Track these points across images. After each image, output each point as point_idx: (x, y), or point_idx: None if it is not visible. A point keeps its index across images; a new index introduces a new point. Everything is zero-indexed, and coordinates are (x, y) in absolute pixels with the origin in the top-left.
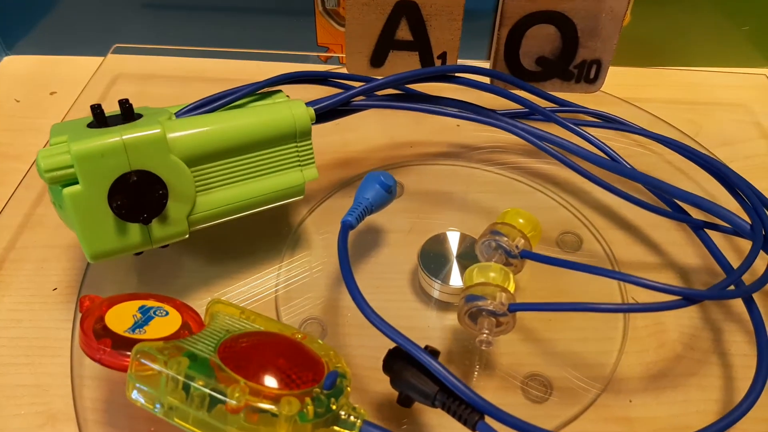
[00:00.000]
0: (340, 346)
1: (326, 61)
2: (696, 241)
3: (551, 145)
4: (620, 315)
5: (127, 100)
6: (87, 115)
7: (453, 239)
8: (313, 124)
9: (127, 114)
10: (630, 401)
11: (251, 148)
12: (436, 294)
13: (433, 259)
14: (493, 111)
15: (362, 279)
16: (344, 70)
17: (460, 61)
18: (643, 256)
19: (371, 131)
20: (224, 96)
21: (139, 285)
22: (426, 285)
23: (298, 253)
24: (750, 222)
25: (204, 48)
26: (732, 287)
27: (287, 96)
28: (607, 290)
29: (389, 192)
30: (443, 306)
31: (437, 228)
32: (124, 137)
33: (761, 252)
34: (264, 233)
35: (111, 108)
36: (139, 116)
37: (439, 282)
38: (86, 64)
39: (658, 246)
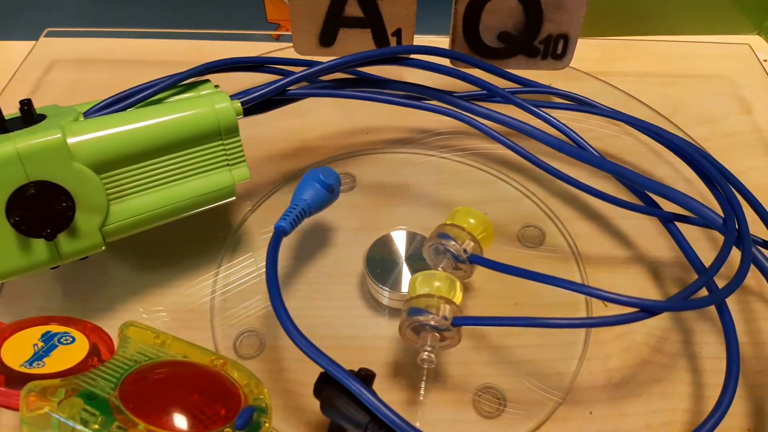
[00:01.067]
0: (279, 361)
1: (278, 39)
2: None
3: (506, 131)
4: (582, 315)
5: (27, 101)
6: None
7: (400, 240)
8: (241, 118)
9: (27, 117)
10: (590, 413)
11: (169, 149)
12: (385, 301)
13: (380, 263)
14: (449, 94)
15: (306, 283)
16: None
17: (418, 38)
18: (610, 250)
19: (325, 116)
20: (141, 90)
21: (63, 298)
22: (374, 291)
23: (238, 257)
24: (723, 215)
25: (144, 29)
26: (704, 292)
27: (217, 86)
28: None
29: (330, 191)
30: (394, 312)
31: (390, 224)
32: (18, 146)
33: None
34: (200, 235)
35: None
36: (42, 118)
37: (388, 289)
38: (16, 49)
39: (627, 237)
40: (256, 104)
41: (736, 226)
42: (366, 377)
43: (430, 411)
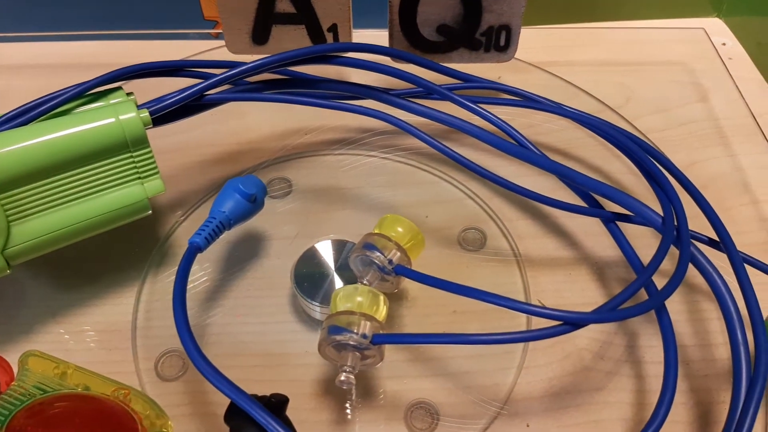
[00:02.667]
0: (202, 382)
1: (216, 36)
2: None
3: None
4: (522, 322)
5: None
6: None
7: (327, 250)
8: (150, 127)
9: None
10: (527, 426)
11: (72, 164)
12: (316, 315)
13: (308, 277)
14: (386, 92)
15: (235, 298)
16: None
17: (357, 33)
18: (554, 251)
19: (263, 117)
20: (45, 102)
21: None
22: (305, 306)
23: (164, 271)
24: (662, 215)
25: (75, 32)
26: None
27: (129, 94)
28: (512, 290)
29: (251, 201)
30: None
31: (328, 231)
32: None
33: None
34: (124, 250)
35: None
36: None
37: (318, 303)
38: None
39: (572, 237)
40: (173, 111)
41: (675, 224)
42: (277, 404)
43: (360, 431)
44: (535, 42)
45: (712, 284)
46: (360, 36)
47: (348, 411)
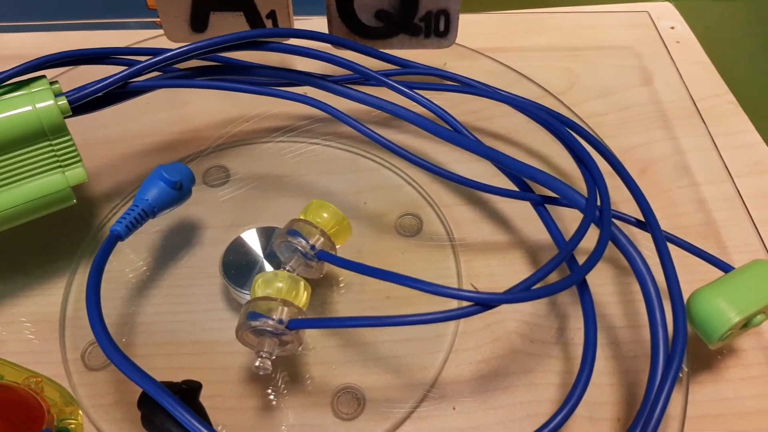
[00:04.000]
0: None
1: (161, 25)
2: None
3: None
4: (453, 304)
5: None
6: None
7: (253, 239)
8: (70, 116)
9: None
10: (454, 408)
11: None
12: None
13: (237, 265)
14: (324, 79)
15: (167, 287)
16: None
17: (300, 20)
18: (489, 236)
19: (206, 105)
20: None
21: None
22: (235, 294)
23: None
24: (587, 196)
25: (18, 23)
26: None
27: (54, 82)
28: (446, 274)
29: (176, 188)
30: None
31: (264, 219)
32: None
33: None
34: (57, 239)
35: None
36: None
37: (247, 291)
38: None
39: (508, 222)
40: (98, 98)
41: (599, 204)
42: (188, 390)
43: (285, 416)
44: (482, 28)
45: (632, 263)
46: (303, 23)
47: (272, 398)
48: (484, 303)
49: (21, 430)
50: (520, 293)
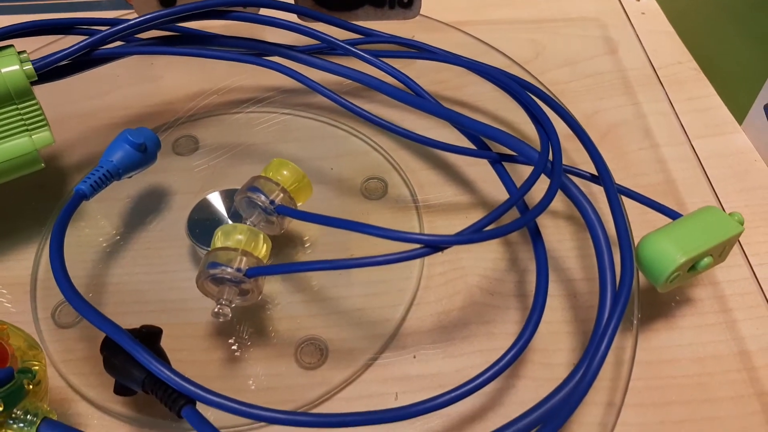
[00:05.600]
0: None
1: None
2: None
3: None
4: (415, 263)
5: None
6: None
7: (219, 200)
8: (35, 81)
9: None
10: (414, 357)
11: None
12: None
13: (202, 225)
14: (290, 49)
15: (135, 250)
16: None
17: None
18: (453, 197)
19: (177, 79)
20: None
21: None
22: (201, 254)
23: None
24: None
25: None
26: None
27: (22, 52)
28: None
29: (141, 150)
30: None
31: (231, 186)
32: None
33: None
34: (28, 206)
35: None
36: None
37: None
38: None
39: (471, 185)
40: (64, 66)
41: (550, 158)
42: (149, 334)
43: (249, 366)
44: (449, 2)
45: (581, 210)
46: None
47: (237, 350)
48: (434, 245)
49: None
50: (470, 234)
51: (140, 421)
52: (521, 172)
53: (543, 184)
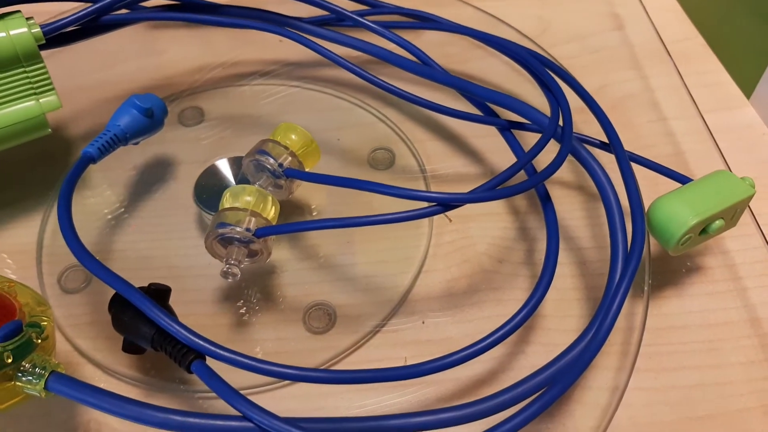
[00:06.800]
0: (104, 293)
1: None
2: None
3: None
4: (423, 232)
5: None
6: None
7: (227, 166)
8: (43, 44)
9: None
10: (423, 323)
11: None
12: None
13: (209, 191)
14: (298, 20)
15: (142, 218)
16: None
17: None
18: (461, 168)
19: (181, 53)
20: None
21: None
22: (207, 219)
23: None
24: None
25: None
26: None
27: (29, 18)
28: (416, 203)
29: (148, 115)
30: None
31: (237, 155)
32: None
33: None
34: (35, 175)
35: None
36: None
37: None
38: None
39: (479, 155)
40: (71, 32)
41: (561, 123)
42: (157, 291)
43: (258, 331)
44: None
45: (592, 174)
46: None
47: (245, 315)
48: (446, 202)
49: None
50: (483, 193)
51: (147, 383)
52: (530, 142)
53: (552, 154)
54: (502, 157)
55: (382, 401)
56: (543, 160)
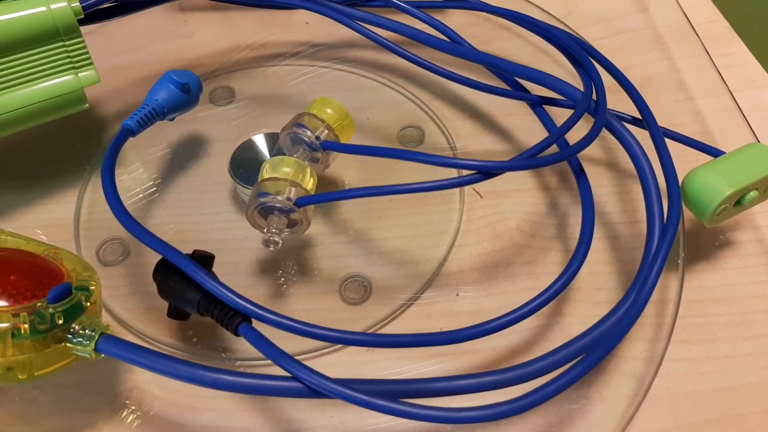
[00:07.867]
0: (142, 266)
1: None
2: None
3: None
4: (455, 207)
5: None
6: None
7: (262, 142)
8: (81, 18)
9: None
10: (457, 295)
11: (3, 51)
12: None
13: (245, 165)
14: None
15: (177, 193)
16: None
17: None
18: (490, 145)
19: (209, 35)
20: None
21: None
22: (242, 194)
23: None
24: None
25: None
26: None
27: None
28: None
29: (185, 91)
30: None
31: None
32: None
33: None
34: (69, 151)
35: None
36: None
37: (252, 188)
38: None
39: (508, 132)
40: (108, 9)
41: (594, 98)
42: (202, 258)
43: (294, 302)
44: None
45: (627, 147)
46: None
47: (283, 286)
48: (486, 170)
49: (43, 286)
50: (522, 161)
51: (190, 351)
52: (560, 120)
53: (583, 131)
54: (531, 135)
55: (419, 368)
56: (573, 137)
